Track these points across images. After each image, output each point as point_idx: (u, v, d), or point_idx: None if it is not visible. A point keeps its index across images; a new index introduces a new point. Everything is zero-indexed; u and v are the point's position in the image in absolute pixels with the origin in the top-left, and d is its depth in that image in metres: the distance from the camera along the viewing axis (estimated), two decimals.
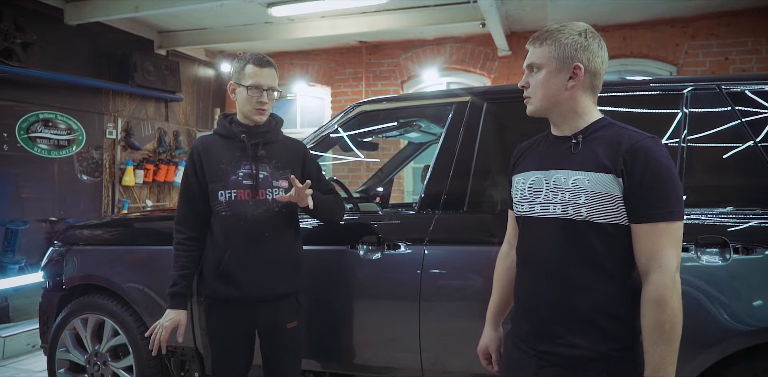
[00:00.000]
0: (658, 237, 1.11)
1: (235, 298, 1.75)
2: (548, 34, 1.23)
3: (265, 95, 1.75)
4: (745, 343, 1.56)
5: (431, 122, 2.77)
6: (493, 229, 1.88)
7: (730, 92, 1.80)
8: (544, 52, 1.22)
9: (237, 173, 1.76)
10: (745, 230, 1.63)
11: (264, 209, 1.76)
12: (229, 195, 1.74)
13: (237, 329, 1.79)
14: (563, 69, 1.21)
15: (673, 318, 1.08)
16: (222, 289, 1.76)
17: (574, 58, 1.21)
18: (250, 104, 1.75)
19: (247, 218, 1.74)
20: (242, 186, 1.75)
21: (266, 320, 1.78)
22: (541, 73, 1.23)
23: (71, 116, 4.95)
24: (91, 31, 5.18)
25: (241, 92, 1.76)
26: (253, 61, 1.75)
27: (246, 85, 1.74)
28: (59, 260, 2.63)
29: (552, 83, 1.22)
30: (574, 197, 1.17)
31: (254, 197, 1.75)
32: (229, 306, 1.77)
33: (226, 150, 1.77)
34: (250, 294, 1.75)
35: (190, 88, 6.56)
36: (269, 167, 1.79)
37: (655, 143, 1.16)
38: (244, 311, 1.77)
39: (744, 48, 5.30)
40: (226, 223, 1.74)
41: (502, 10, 4.95)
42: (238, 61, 1.79)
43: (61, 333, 2.58)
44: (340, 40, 6.15)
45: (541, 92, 1.23)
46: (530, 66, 1.25)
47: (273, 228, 1.77)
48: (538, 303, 1.23)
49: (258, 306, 1.77)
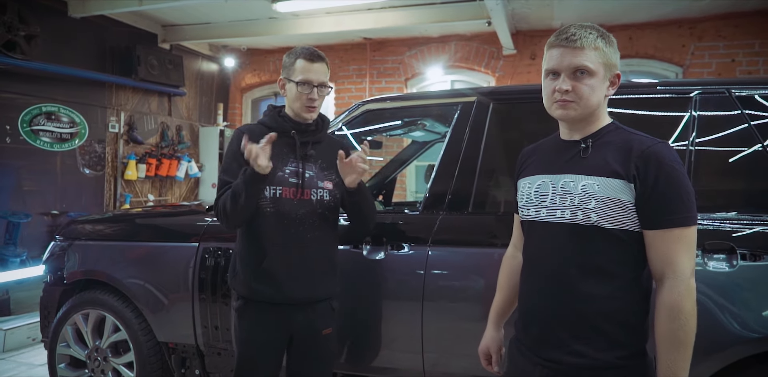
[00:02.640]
0: (673, 243, 1.10)
1: (274, 300, 1.67)
2: (591, 39, 1.16)
3: (315, 91, 1.68)
4: (751, 350, 1.55)
5: (436, 122, 2.76)
6: (498, 231, 1.87)
7: (740, 96, 1.79)
8: (592, 57, 1.16)
9: (284, 169, 1.68)
10: (752, 236, 1.62)
11: (308, 209, 1.69)
12: (273, 191, 1.65)
13: (272, 333, 1.68)
14: (606, 76, 1.19)
15: (687, 324, 1.07)
16: (260, 289, 1.66)
17: (616, 66, 1.20)
18: (299, 101, 1.68)
19: (291, 217, 1.67)
20: (287, 184, 1.67)
21: (303, 325, 1.70)
22: (593, 80, 1.17)
23: (74, 110, 4.94)
24: (95, 25, 5.16)
25: (291, 88, 1.69)
26: (304, 56, 1.67)
27: (296, 80, 1.67)
28: (61, 255, 2.63)
29: (600, 90, 1.18)
30: (584, 202, 1.16)
31: (298, 197, 1.68)
32: (264, 308, 1.68)
33: (273, 144, 1.63)
34: (290, 296, 1.67)
35: (194, 83, 6.54)
36: (315, 167, 1.73)
37: (666, 148, 1.15)
38: (280, 314, 1.68)
39: (751, 50, 5.26)
40: (269, 221, 1.65)
41: (508, 8, 4.92)
42: (289, 56, 1.71)
43: (62, 328, 2.58)
44: (345, 37, 6.13)
45: (592, 99, 1.18)
46: (578, 69, 1.16)
47: (316, 229, 1.70)
48: (543, 308, 1.22)
49: (294, 310, 1.69)
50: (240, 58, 6.90)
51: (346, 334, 1.94)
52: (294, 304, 1.68)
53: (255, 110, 7.30)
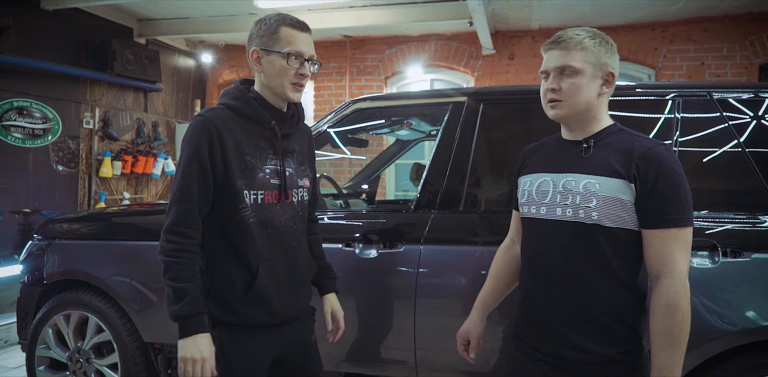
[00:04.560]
0: (670, 243, 1.14)
1: (264, 322, 1.42)
2: (578, 40, 1.22)
3: (307, 66, 1.39)
4: (731, 344, 1.63)
5: (427, 121, 2.78)
6: (487, 229, 1.91)
7: (720, 99, 1.86)
8: (580, 56, 1.21)
9: (264, 169, 1.40)
10: (733, 234, 1.69)
11: (291, 214, 1.45)
12: (255, 197, 1.37)
13: (263, 357, 1.44)
14: (597, 75, 1.23)
15: (682, 322, 1.11)
16: (252, 314, 1.39)
17: (608, 65, 1.23)
18: (285, 77, 1.37)
19: (275, 225, 1.41)
20: (269, 186, 1.40)
21: (293, 340, 1.49)
22: (578, 78, 1.22)
23: (47, 105, 4.79)
24: (69, 17, 5.01)
25: (274, 61, 1.36)
26: (290, 24, 1.37)
27: (283, 51, 1.35)
28: (39, 255, 2.56)
29: (588, 89, 1.22)
30: (585, 201, 1.19)
31: (281, 200, 1.42)
32: (255, 332, 1.41)
33: (247, 137, 1.38)
34: (281, 316, 1.44)
35: (170, 79, 6.42)
36: (293, 162, 1.48)
37: (667, 150, 1.19)
38: (269, 335, 1.43)
39: (719, 53, 5.45)
40: (253, 233, 1.38)
41: (488, 9, 4.97)
42: (265, 23, 1.39)
43: (41, 330, 2.52)
44: (325, 34, 6.09)
45: (578, 97, 1.22)
46: (562, 69, 1.22)
47: (299, 235, 1.50)
48: (545, 304, 1.25)
49: (283, 327, 1.46)
50: (217, 54, 6.80)
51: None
52: (282, 323, 1.46)
53: None
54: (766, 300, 1.62)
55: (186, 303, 1.28)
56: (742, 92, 1.86)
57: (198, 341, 1.28)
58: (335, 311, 1.62)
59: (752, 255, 1.65)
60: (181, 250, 1.32)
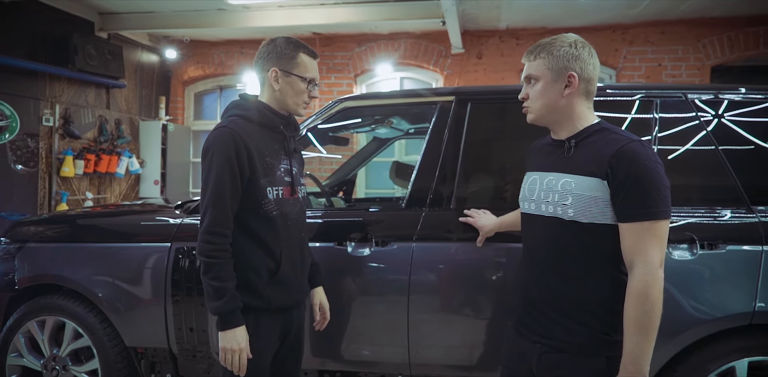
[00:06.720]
0: (642, 235, 1.20)
1: (285, 304, 1.63)
2: (541, 48, 1.33)
3: (317, 89, 1.67)
4: (706, 332, 1.73)
5: (406, 120, 2.81)
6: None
7: (694, 100, 1.96)
8: (539, 64, 1.32)
9: (279, 167, 1.62)
10: (709, 227, 1.80)
11: (299, 207, 1.68)
12: (276, 192, 1.59)
13: (276, 337, 1.64)
14: (558, 79, 1.30)
15: (651, 310, 1.17)
16: (279, 297, 1.60)
17: (568, 68, 1.30)
18: (300, 97, 1.62)
19: (291, 217, 1.63)
20: (284, 183, 1.62)
21: (297, 322, 1.71)
22: (539, 85, 1.32)
23: (3, 101, 4.56)
24: (26, 10, 4.77)
25: (294, 83, 1.60)
26: (306, 52, 1.62)
27: (306, 77, 1.61)
28: (8, 259, 2.46)
29: (549, 93, 1.32)
30: (562, 199, 1.28)
31: (292, 196, 1.65)
32: (275, 314, 1.61)
33: (264, 141, 1.60)
34: (297, 298, 1.68)
35: (133, 75, 6.21)
36: (296, 162, 1.72)
37: (640, 146, 1.24)
38: (285, 317, 1.65)
39: (675, 55, 5.72)
40: (276, 224, 1.58)
41: (459, 8, 5.05)
42: (280, 46, 1.60)
43: (12, 337, 2.41)
44: (294, 31, 6.03)
45: (540, 102, 1.33)
46: (527, 78, 1.35)
47: (304, 227, 1.72)
48: (540, 291, 1.34)
49: (292, 310, 1.68)
50: (182, 50, 6.62)
51: (333, 330, 1.95)
52: (294, 306, 1.69)
53: (198, 104, 7.04)
54: (739, 288, 1.73)
55: (226, 300, 1.47)
56: (715, 94, 1.97)
57: (237, 333, 1.48)
58: (323, 303, 1.81)
59: (727, 247, 1.75)
60: (220, 250, 1.50)
